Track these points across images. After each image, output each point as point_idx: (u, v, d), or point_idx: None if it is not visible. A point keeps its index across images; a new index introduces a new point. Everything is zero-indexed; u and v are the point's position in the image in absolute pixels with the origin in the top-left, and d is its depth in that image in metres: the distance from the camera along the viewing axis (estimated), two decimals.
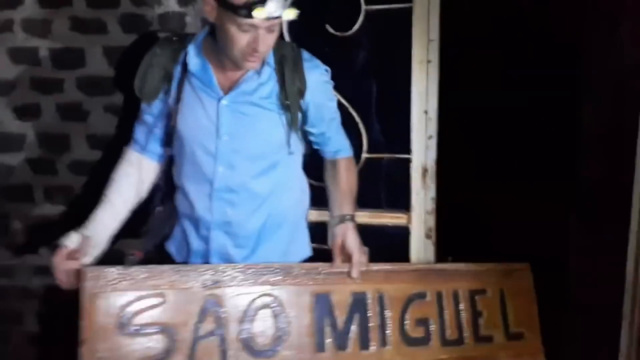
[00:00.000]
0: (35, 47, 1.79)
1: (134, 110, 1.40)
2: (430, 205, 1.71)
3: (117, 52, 1.77)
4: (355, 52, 1.71)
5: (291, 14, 1.16)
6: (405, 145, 1.70)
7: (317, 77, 1.32)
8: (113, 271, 1.21)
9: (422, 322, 1.38)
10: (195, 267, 1.30)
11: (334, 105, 1.43)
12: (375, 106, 1.74)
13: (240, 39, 1.13)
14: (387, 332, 1.35)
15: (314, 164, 1.51)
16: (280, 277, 1.29)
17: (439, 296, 1.39)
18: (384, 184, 1.77)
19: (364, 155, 1.73)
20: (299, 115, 1.31)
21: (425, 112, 1.67)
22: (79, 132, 1.83)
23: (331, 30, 1.66)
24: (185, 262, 1.39)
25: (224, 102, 1.26)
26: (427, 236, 1.73)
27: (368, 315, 1.34)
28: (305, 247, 1.50)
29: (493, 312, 1.43)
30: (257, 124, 1.28)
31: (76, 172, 1.86)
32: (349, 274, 1.32)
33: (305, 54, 1.33)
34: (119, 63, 1.78)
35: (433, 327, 1.38)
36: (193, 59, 1.26)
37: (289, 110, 1.27)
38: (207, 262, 1.35)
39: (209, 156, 1.28)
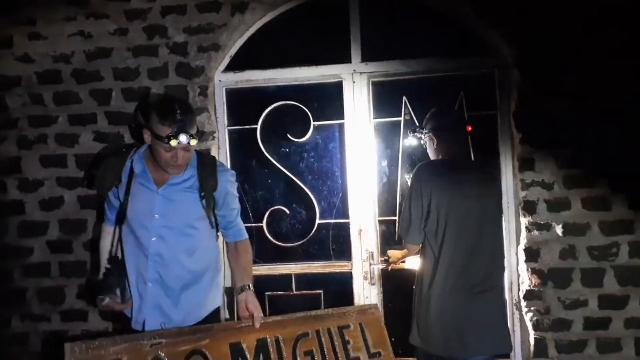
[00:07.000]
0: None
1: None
2: (365, 255, 2.43)
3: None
4: (307, 152, 2.51)
5: (194, 143, 1.70)
6: (345, 213, 2.46)
7: (226, 177, 1.86)
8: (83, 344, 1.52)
9: (308, 353, 1.81)
10: (143, 334, 1.67)
11: (236, 198, 1.92)
12: (324, 187, 2.52)
13: (165, 155, 1.70)
14: None
15: None
16: (204, 334, 1.69)
17: (318, 333, 1.83)
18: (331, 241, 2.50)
19: (317, 221, 2.47)
20: (212, 202, 1.82)
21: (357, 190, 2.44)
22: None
23: (291, 137, 2.48)
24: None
25: (158, 192, 1.79)
26: (364, 278, 2.43)
27: (270, 354, 1.75)
28: (217, 298, 1.93)
29: (357, 340, 1.87)
30: (181, 205, 1.80)
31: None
32: (253, 325, 1.74)
33: (218, 162, 1.91)
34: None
35: (316, 356, 1.81)
36: (137, 164, 1.82)
37: (205, 199, 1.81)
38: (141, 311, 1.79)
39: (145, 230, 1.80)
